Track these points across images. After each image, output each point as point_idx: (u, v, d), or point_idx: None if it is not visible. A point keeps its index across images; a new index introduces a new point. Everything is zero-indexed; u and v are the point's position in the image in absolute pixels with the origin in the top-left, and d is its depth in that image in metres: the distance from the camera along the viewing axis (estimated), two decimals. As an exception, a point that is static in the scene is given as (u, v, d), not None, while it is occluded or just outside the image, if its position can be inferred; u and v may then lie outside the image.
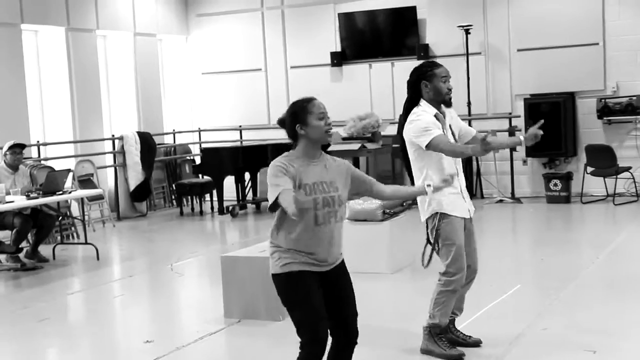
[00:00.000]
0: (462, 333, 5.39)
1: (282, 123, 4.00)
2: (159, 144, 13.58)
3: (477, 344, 5.35)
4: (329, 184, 3.91)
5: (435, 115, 5.03)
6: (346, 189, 4.01)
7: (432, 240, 5.13)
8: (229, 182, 12.89)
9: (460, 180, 5.13)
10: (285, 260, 3.89)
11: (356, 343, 4.05)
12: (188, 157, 14.46)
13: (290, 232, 3.87)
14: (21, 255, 9.08)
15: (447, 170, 4.97)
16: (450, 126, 5.15)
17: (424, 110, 5.03)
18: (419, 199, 5.10)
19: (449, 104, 5.16)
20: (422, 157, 5.03)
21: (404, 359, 5.25)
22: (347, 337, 4.01)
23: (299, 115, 3.93)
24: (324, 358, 3.91)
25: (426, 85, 5.06)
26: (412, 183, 5.14)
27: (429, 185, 4.27)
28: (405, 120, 5.11)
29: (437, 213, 5.03)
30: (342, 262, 4.06)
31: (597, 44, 12.27)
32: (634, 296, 6.59)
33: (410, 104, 5.14)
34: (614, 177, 11.62)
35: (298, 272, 3.88)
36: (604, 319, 5.97)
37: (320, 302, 3.89)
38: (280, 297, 3.98)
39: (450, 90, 5.10)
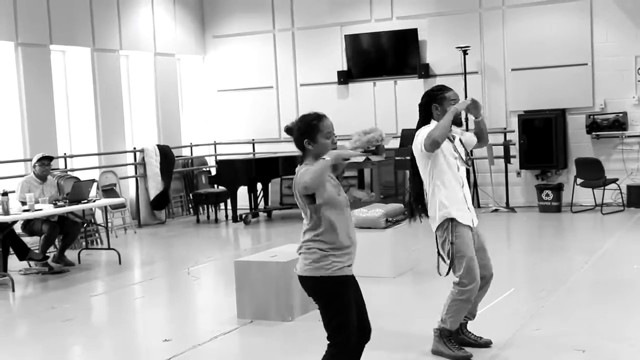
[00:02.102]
0: (473, 335, 5.38)
1: (289, 131, 3.99)
2: (177, 156, 13.59)
3: (487, 344, 5.33)
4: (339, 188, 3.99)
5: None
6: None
7: (440, 252, 5.10)
8: (243, 191, 12.89)
9: (465, 191, 5.12)
10: (336, 265, 3.84)
11: (368, 341, 4.04)
12: (204, 169, 14.47)
13: (331, 227, 3.83)
14: (49, 259, 9.09)
15: (452, 180, 4.97)
16: (460, 140, 5.18)
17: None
18: (429, 209, 5.09)
19: (459, 124, 5.17)
20: (430, 170, 5.05)
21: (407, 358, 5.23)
22: (365, 333, 4.01)
23: (307, 131, 3.92)
24: None
25: (437, 107, 5.06)
26: (414, 195, 5.15)
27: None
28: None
29: (447, 220, 5.00)
30: None
31: (586, 64, 12.26)
32: (620, 299, 6.57)
33: (422, 125, 5.13)
34: (602, 188, 11.58)
35: (347, 277, 3.87)
36: (592, 320, 5.95)
37: (354, 311, 3.89)
38: (322, 299, 3.88)
39: (460, 112, 5.08)
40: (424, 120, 5.13)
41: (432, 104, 5.08)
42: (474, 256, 5.03)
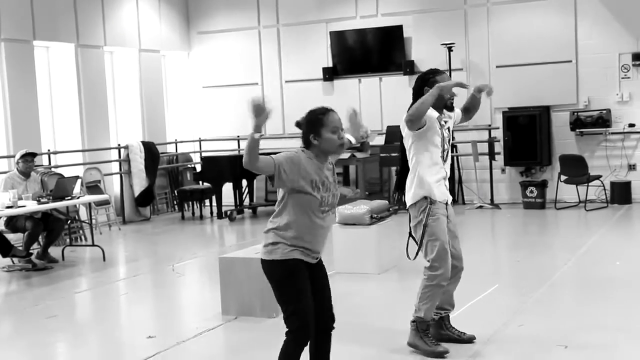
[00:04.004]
0: (457, 330, 5.38)
1: (299, 126, 3.99)
2: (162, 153, 13.56)
3: (470, 340, 5.34)
4: (334, 184, 3.98)
5: (436, 118, 5.04)
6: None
7: (412, 232, 5.11)
8: (228, 188, 12.88)
9: (446, 168, 5.14)
10: (288, 248, 3.87)
11: (333, 328, 4.06)
12: (189, 165, 14.45)
13: (293, 215, 3.85)
14: (32, 256, 9.05)
15: (434, 159, 5.01)
16: (448, 128, 5.17)
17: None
18: (407, 187, 5.11)
19: (450, 109, 5.17)
20: (414, 148, 5.07)
21: (390, 356, 5.25)
22: (327, 323, 4.02)
23: (313, 125, 3.90)
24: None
25: (428, 91, 5.01)
26: (396, 189, 5.17)
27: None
28: None
29: (424, 198, 5.01)
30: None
31: (570, 61, 12.33)
32: (603, 295, 6.62)
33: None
34: (586, 185, 11.66)
35: (298, 261, 3.88)
36: (575, 316, 5.99)
37: (310, 292, 3.90)
38: (273, 282, 3.92)
39: (452, 96, 5.09)
40: (415, 101, 5.09)
41: (424, 87, 5.06)
42: (446, 241, 5.02)
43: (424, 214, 5.03)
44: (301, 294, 3.86)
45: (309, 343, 4.00)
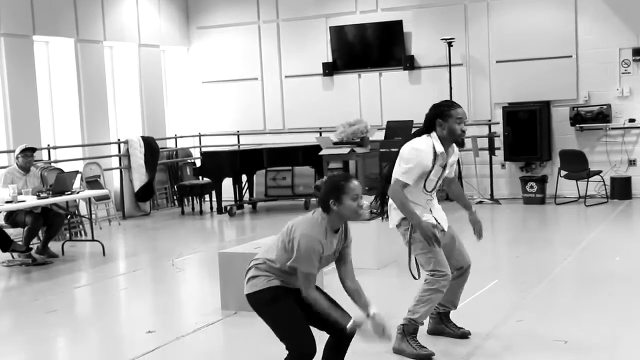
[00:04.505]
0: (453, 324, 5.38)
1: (317, 189, 3.99)
2: (161, 148, 13.56)
3: (465, 335, 5.34)
4: (335, 252, 4.02)
5: (439, 154, 4.93)
6: None
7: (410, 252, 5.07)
8: (227, 183, 12.88)
9: (433, 202, 5.10)
10: (269, 278, 3.94)
11: (352, 337, 4.03)
12: (189, 160, 14.44)
13: (285, 271, 3.93)
14: (32, 251, 9.06)
15: (421, 192, 4.95)
16: (446, 165, 5.05)
17: (424, 149, 4.90)
18: (389, 206, 5.08)
19: (460, 145, 5.10)
20: None
21: (388, 352, 5.25)
22: (343, 335, 3.99)
23: (334, 192, 3.88)
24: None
25: (441, 124, 4.93)
26: (380, 191, 5.15)
27: (368, 315, 4.02)
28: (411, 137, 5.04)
29: (404, 219, 4.97)
30: None
31: (571, 56, 12.32)
32: (603, 290, 6.62)
33: (422, 134, 5.00)
34: (586, 180, 11.66)
35: (281, 288, 3.91)
36: (574, 311, 6.00)
37: (301, 315, 3.90)
38: (262, 311, 3.97)
39: (464, 132, 4.96)
40: (424, 130, 5.01)
41: (437, 119, 4.95)
42: (439, 250, 4.97)
43: (407, 232, 4.99)
44: (289, 316, 3.88)
45: (325, 347, 4.02)
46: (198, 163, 14.00)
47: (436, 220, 5.06)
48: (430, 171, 4.93)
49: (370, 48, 13.54)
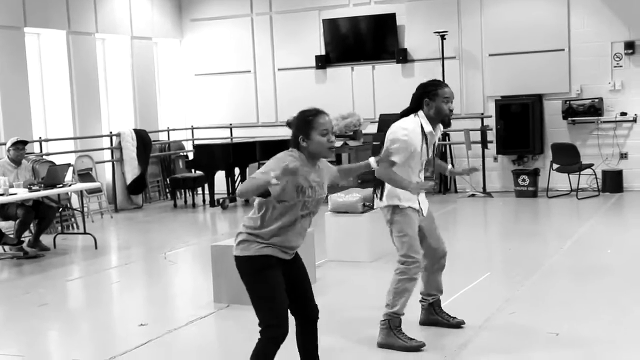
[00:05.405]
0: (446, 314, 5.39)
1: (289, 125, 3.89)
2: (154, 141, 13.52)
3: (459, 325, 5.36)
4: (320, 185, 3.87)
5: (428, 134, 4.92)
6: (326, 187, 4.00)
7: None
8: (220, 176, 12.86)
9: (423, 175, 5.09)
10: (261, 245, 3.79)
11: (317, 319, 4.01)
12: (181, 153, 14.41)
13: (275, 222, 3.77)
14: (24, 244, 9.03)
15: (410, 174, 4.93)
16: (434, 144, 5.06)
17: (413, 129, 4.89)
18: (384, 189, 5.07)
19: (447, 125, 5.07)
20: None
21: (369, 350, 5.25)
22: (312, 313, 3.97)
23: (302, 127, 3.78)
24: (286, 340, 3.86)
25: (428, 103, 4.93)
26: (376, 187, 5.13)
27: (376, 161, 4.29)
28: (400, 117, 5.01)
29: (391, 206, 4.96)
30: None
31: (563, 50, 12.33)
32: (594, 283, 6.63)
33: (408, 113, 5.00)
34: (578, 173, 11.68)
35: (270, 258, 3.78)
36: (566, 304, 6.01)
37: (284, 294, 3.81)
38: (245, 278, 3.85)
39: (451, 111, 4.97)
40: (411, 109, 5.00)
41: (424, 98, 4.94)
42: (415, 235, 4.98)
43: (390, 212, 4.98)
44: (274, 290, 3.77)
45: (295, 336, 3.97)
46: (191, 156, 13.96)
47: (419, 204, 5.05)
48: (419, 150, 4.91)
49: (363, 41, 13.52)
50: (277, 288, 3.79)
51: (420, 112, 4.97)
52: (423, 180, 5.06)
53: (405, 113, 5.03)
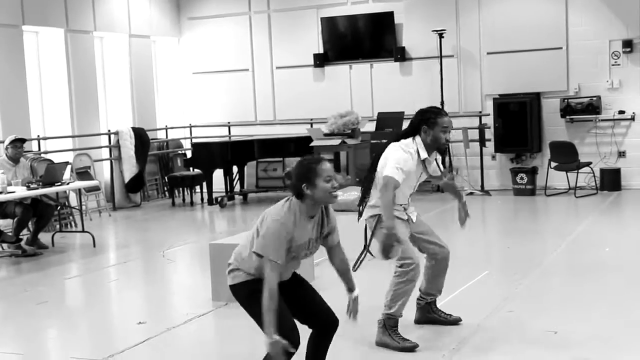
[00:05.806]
0: (443, 312, 5.40)
1: (288, 176, 3.91)
2: (152, 139, 13.52)
3: (456, 322, 5.38)
4: (315, 240, 3.91)
5: (423, 161, 4.96)
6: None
7: (368, 243, 5.05)
8: (218, 174, 12.85)
9: (409, 207, 5.12)
10: (250, 272, 3.87)
11: (336, 329, 4.01)
12: (180, 151, 14.40)
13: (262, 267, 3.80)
14: (22, 242, 9.02)
15: (400, 195, 4.94)
16: (427, 170, 5.09)
17: (410, 152, 4.90)
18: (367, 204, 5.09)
19: (442, 153, 5.13)
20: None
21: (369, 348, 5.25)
22: (333, 321, 3.97)
23: (306, 175, 3.77)
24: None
25: (426, 130, 4.92)
26: (364, 189, 5.13)
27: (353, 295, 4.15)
28: (393, 140, 5.03)
29: (377, 215, 4.97)
30: None
31: (561, 48, 12.33)
32: (592, 281, 6.64)
33: (406, 137, 4.99)
34: (576, 171, 11.68)
35: (259, 280, 3.78)
36: (565, 302, 6.02)
37: (287, 309, 3.81)
38: (244, 303, 3.90)
39: (448, 141, 4.98)
40: (409, 133, 5.00)
41: (423, 125, 4.94)
42: (407, 239, 4.99)
43: (375, 221, 5.01)
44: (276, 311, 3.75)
45: (309, 339, 3.98)
46: (189, 154, 13.96)
47: (405, 213, 5.07)
48: (412, 175, 4.95)
49: (361, 39, 13.51)
50: (279, 312, 3.77)
51: (418, 138, 4.97)
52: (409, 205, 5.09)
53: (403, 135, 5.04)
